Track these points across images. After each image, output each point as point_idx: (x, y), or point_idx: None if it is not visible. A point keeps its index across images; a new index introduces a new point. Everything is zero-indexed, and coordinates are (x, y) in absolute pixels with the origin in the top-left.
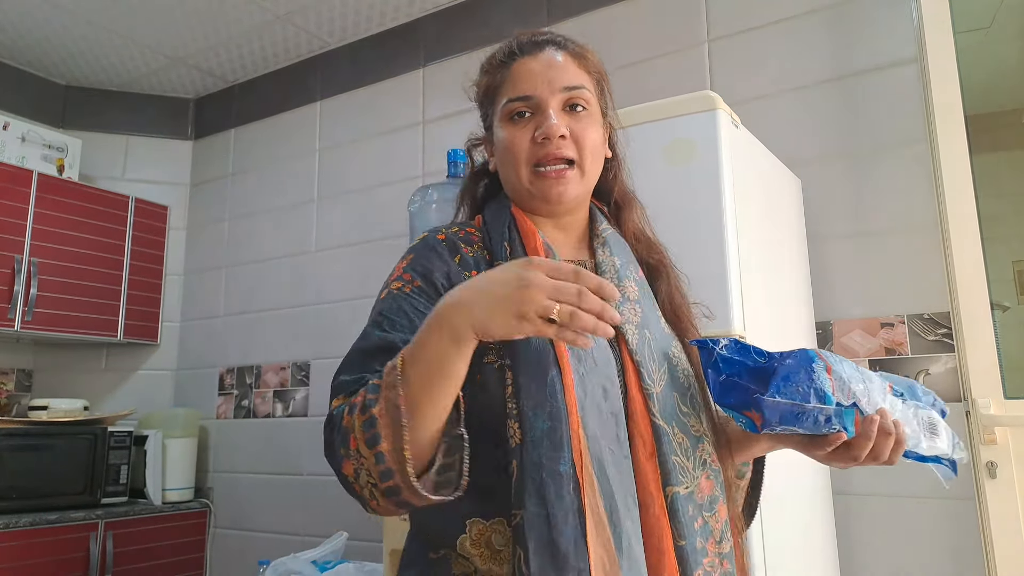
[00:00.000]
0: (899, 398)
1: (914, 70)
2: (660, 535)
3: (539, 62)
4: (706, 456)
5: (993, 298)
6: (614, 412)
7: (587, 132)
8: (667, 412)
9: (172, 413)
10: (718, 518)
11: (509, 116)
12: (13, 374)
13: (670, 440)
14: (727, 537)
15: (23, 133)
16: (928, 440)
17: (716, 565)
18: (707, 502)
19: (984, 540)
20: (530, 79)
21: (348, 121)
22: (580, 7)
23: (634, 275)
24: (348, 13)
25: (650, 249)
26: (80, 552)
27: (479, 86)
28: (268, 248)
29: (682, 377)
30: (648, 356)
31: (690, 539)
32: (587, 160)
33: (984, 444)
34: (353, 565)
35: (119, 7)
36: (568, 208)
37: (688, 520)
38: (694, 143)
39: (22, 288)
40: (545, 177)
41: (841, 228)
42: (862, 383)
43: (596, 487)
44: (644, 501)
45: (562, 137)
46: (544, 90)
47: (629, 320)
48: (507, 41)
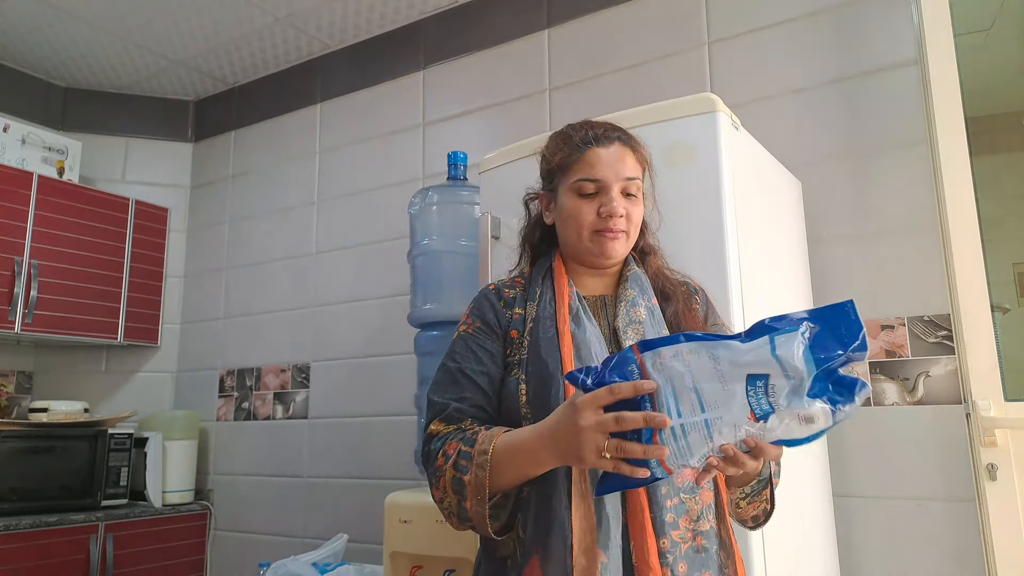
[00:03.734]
0: (764, 418)
1: (914, 72)
2: (640, 507)
3: (608, 154)
4: None
5: (993, 300)
6: None
7: (636, 211)
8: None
9: (172, 415)
10: (699, 501)
11: (578, 191)
12: (13, 376)
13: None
14: (707, 519)
15: (23, 135)
16: (804, 427)
17: (688, 539)
18: (687, 487)
19: (984, 542)
20: (600, 166)
21: (348, 123)
22: (581, 9)
23: (645, 303)
24: (348, 15)
25: (666, 283)
26: (80, 554)
27: (552, 155)
28: (268, 250)
29: None
30: None
31: (659, 513)
32: (632, 231)
33: (984, 446)
34: (353, 567)
35: (119, 9)
36: (615, 263)
37: (660, 498)
38: (694, 145)
39: (22, 290)
40: (603, 238)
41: (841, 230)
42: (706, 415)
43: (585, 473)
44: None
45: (620, 216)
46: (611, 177)
47: (631, 338)
48: (583, 128)
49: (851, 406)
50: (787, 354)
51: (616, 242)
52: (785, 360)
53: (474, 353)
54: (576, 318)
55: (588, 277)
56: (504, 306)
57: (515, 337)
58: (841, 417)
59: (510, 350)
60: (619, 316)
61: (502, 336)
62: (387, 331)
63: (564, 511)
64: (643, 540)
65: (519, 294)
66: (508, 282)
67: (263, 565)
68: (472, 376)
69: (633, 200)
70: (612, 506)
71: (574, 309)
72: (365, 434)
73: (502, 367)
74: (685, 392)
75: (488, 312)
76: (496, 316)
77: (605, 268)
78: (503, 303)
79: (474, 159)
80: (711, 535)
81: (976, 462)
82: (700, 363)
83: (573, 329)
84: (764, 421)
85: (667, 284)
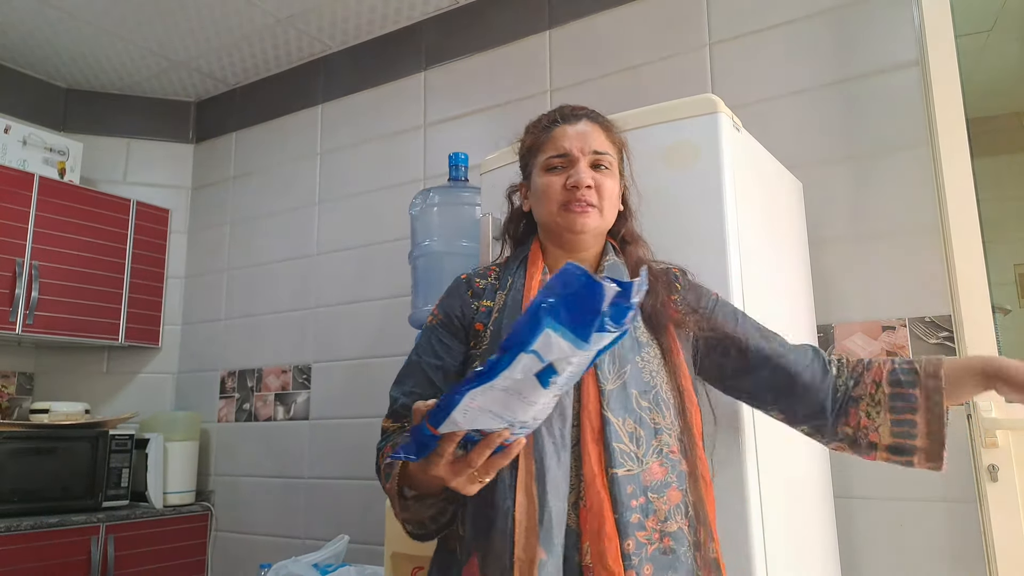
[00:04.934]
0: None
1: (915, 73)
2: (600, 505)
3: (576, 129)
4: (663, 447)
5: (994, 301)
6: (562, 412)
7: (607, 184)
8: (619, 405)
9: (173, 416)
10: (667, 501)
11: (547, 168)
12: (14, 377)
13: (616, 429)
14: (675, 519)
15: (24, 136)
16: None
17: (654, 540)
18: (654, 485)
19: (985, 543)
20: (567, 140)
21: (349, 124)
22: (582, 10)
23: None
24: (349, 16)
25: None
26: (81, 555)
27: (523, 142)
28: (269, 251)
29: (647, 377)
30: (609, 359)
31: (625, 513)
32: (605, 205)
33: (985, 447)
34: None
35: (120, 10)
36: (587, 238)
37: (625, 497)
38: (695, 146)
39: (23, 291)
40: (571, 212)
41: (842, 231)
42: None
43: (532, 471)
44: (589, 477)
45: (588, 187)
46: (577, 149)
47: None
48: (552, 110)
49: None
50: (554, 352)
51: (586, 216)
52: (556, 355)
53: (432, 347)
54: None
55: (564, 262)
56: (472, 296)
57: (480, 330)
58: (627, 321)
59: (475, 343)
60: None
61: (464, 329)
62: (388, 332)
63: (508, 507)
64: (601, 541)
65: (490, 284)
66: (482, 271)
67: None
68: (427, 370)
69: (605, 173)
70: (557, 503)
71: None
72: (366, 435)
73: (459, 361)
74: (496, 419)
75: (454, 304)
76: (462, 308)
77: (579, 249)
78: (471, 293)
79: (475, 160)
80: (680, 537)
81: (977, 463)
82: (493, 398)
83: None
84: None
85: (648, 275)
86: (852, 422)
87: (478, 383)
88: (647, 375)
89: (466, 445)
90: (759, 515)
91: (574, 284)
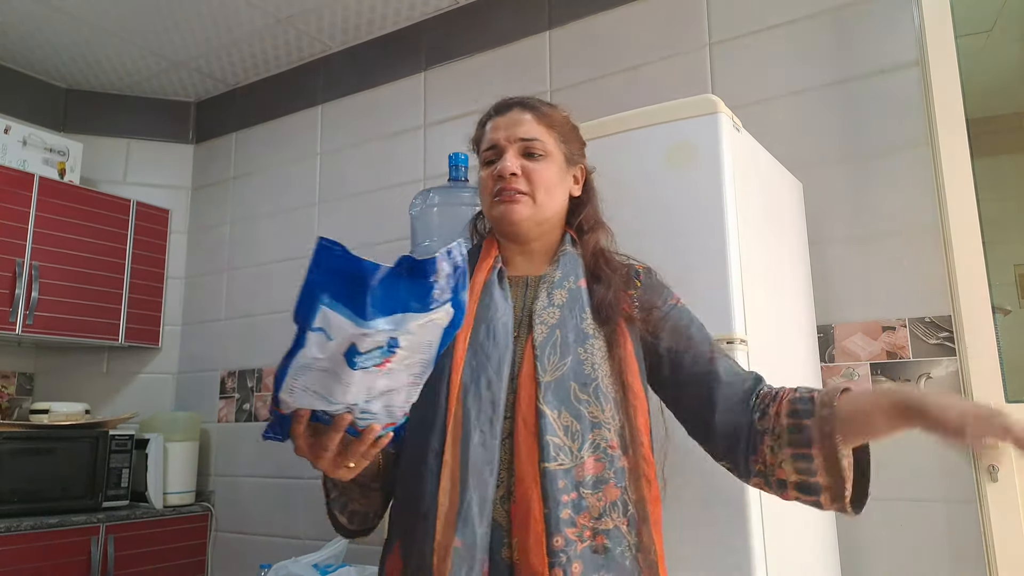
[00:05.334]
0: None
1: (916, 74)
2: (529, 501)
3: (505, 119)
4: (600, 441)
5: (994, 301)
6: (493, 401)
7: (538, 170)
8: (556, 398)
9: (173, 417)
10: (602, 497)
11: (484, 162)
12: (14, 377)
13: (551, 422)
14: (611, 516)
15: (24, 137)
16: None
17: (586, 537)
18: (589, 480)
19: (985, 543)
20: (495, 132)
21: (349, 125)
22: (581, 11)
23: (570, 284)
24: (350, 16)
25: (603, 263)
26: (81, 556)
27: (472, 139)
28: (269, 252)
29: (588, 370)
30: (550, 351)
31: (555, 508)
32: (540, 192)
33: None
34: (354, 569)
35: (120, 10)
36: (523, 229)
37: (556, 492)
38: (695, 147)
39: (23, 292)
40: (501, 202)
41: (842, 231)
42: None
43: (458, 458)
44: (520, 472)
45: (514, 175)
46: (503, 139)
47: (544, 321)
48: (491, 105)
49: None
50: (335, 330)
51: (516, 205)
52: (340, 333)
53: None
54: (488, 293)
55: (518, 256)
56: None
57: None
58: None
59: None
60: (538, 298)
61: None
62: None
63: (431, 493)
64: (527, 537)
65: None
66: None
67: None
68: None
69: (537, 160)
70: (479, 493)
71: (489, 284)
72: None
73: None
74: (323, 400)
75: None
76: None
77: (524, 241)
78: None
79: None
80: (616, 536)
81: (977, 463)
82: (311, 378)
83: (479, 306)
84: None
85: (603, 265)
86: (760, 459)
87: (288, 363)
88: (588, 367)
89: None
90: (759, 516)
91: (334, 259)
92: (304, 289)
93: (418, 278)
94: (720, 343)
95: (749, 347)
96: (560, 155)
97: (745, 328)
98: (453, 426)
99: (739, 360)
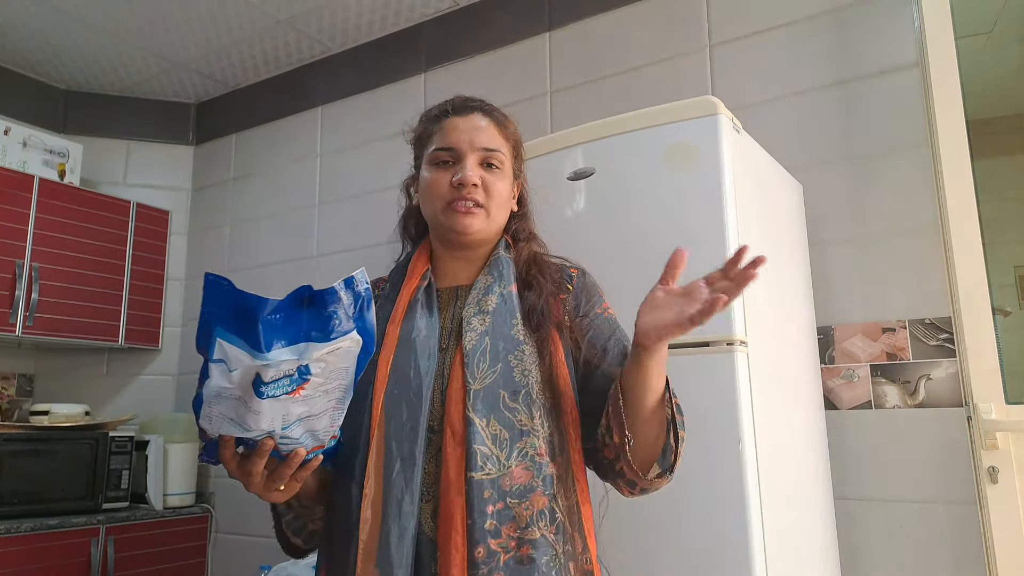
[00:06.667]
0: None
1: (916, 75)
2: (453, 513)
3: (466, 122)
4: (528, 449)
5: (994, 303)
6: (413, 427)
7: (497, 184)
8: (485, 406)
9: (173, 418)
10: (529, 507)
11: (434, 161)
12: (14, 379)
13: (479, 431)
14: (538, 526)
15: (24, 138)
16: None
17: (510, 548)
18: (516, 490)
19: (985, 545)
20: (455, 134)
21: (349, 126)
22: (581, 12)
23: (502, 290)
24: (350, 18)
25: (535, 269)
26: (82, 557)
27: (414, 132)
28: (269, 253)
29: (519, 377)
30: (479, 358)
31: (479, 519)
32: (493, 206)
33: (985, 449)
34: None
35: (120, 11)
36: (473, 240)
37: (481, 502)
38: (695, 148)
39: (23, 293)
40: (456, 211)
41: (842, 233)
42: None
43: (381, 486)
44: (445, 483)
45: (474, 185)
46: (465, 145)
47: (474, 328)
48: (445, 100)
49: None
50: (233, 362)
51: (472, 217)
52: (237, 364)
53: None
54: (411, 314)
55: (453, 263)
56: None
57: None
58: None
59: None
60: (468, 306)
61: None
62: None
63: (352, 522)
64: (448, 550)
65: (379, 295)
66: (376, 281)
67: (264, 568)
68: None
69: (495, 173)
70: (400, 523)
71: (414, 303)
72: None
73: None
74: (239, 427)
75: None
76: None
77: (467, 249)
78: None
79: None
80: (543, 545)
81: (977, 465)
82: (226, 407)
83: (402, 328)
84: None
85: (535, 271)
86: (603, 452)
87: (200, 391)
88: (519, 374)
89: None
90: (759, 517)
91: (223, 294)
92: (200, 322)
93: (318, 308)
94: (720, 344)
95: (749, 349)
96: (510, 169)
97: (745, 330)
98: (375, 455)
99: (739, 362)
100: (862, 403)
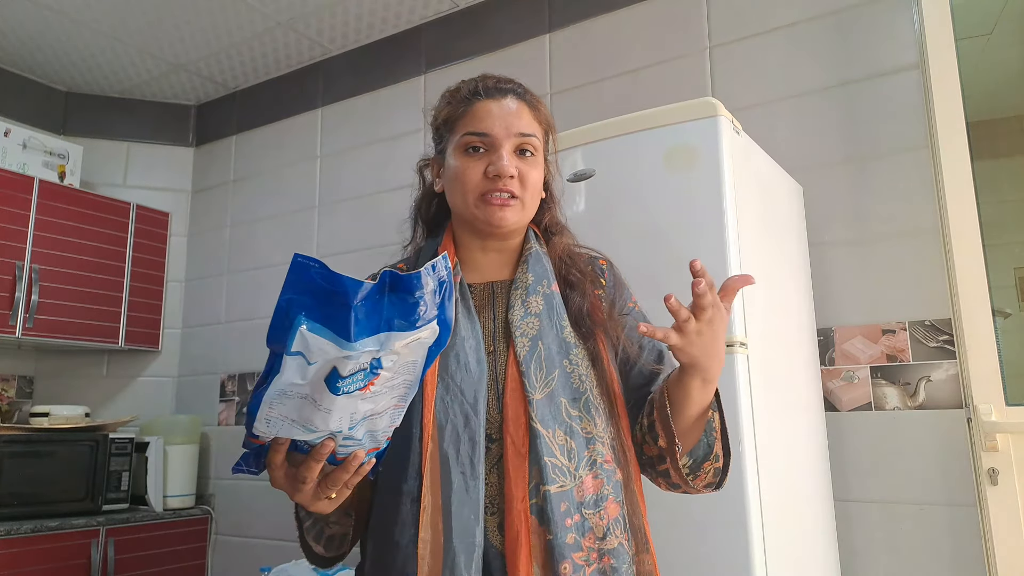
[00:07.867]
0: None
1: (916, 76)
2: (519, 529)
3: (500, 106)
4: (596, 457)
5: (994, 304)
6: (472, 438)
7: (532, 174)
8: (549, 416)
9: (173, 420)
10: (604, 515)
11: (465, 148)
12: (14, 381)
13: (547, 442)
14: (615, 534)
15: (24, 140)
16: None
17: (592, 560)
18: (590, 500)
19: (985, 546)
20: (489, 119)
21: (349, 128)
22: (581, 14)
23: (544, 290)
24: (349, 20)
25: (572, 268)
26: (82, 559)
27: (439, 112)
28: (269, 254)
29: (576, 382)
30: (536, 365)
31: (560, 535)
32: (528, 197)
33: (986, 451)
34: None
35: (120, 14)
36: (509, 233)
37: (559, 516)
38: (695, 149)
39: (23, 295)
40: (491, 204)
41: (842, 234)
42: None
43: (439, 505)
44: (509, 499)
45: (511, 177)
46: (501, 132)
47: (524, 333)
48: (474, 80)
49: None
50: (316, 353)
51: (508, 210)
52: (321, 356)
53: None
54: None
55: (482, 254)
56: None
57: None
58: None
59: None
60: (513, 308)
61: None
62: None
63: (408, 544)
64: (516, 570)
65: None
66: (392, 267)
67: (264, 570)
68: None
69: (530, 161)
70: (464, 542)
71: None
72: None
73: None
74: (301, 429)
75: None
76: None
77: (498, 239)
78: None
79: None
80: (621, 553)
81: (977, 466)
82: (290, 406)
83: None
84: (373, 379)
85: (573, 269)
86: (648, 451)
87: (262, 391)
88: (576, 380)
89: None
90: (759, 518)
91: (311, 277)
92: (277, 311)
93: (401, 294)
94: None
95: (749, 350)
96: (543, 155)
97: (745, 331)
98: (430, 469)
99: (739, 364)
100: (862, 405)
